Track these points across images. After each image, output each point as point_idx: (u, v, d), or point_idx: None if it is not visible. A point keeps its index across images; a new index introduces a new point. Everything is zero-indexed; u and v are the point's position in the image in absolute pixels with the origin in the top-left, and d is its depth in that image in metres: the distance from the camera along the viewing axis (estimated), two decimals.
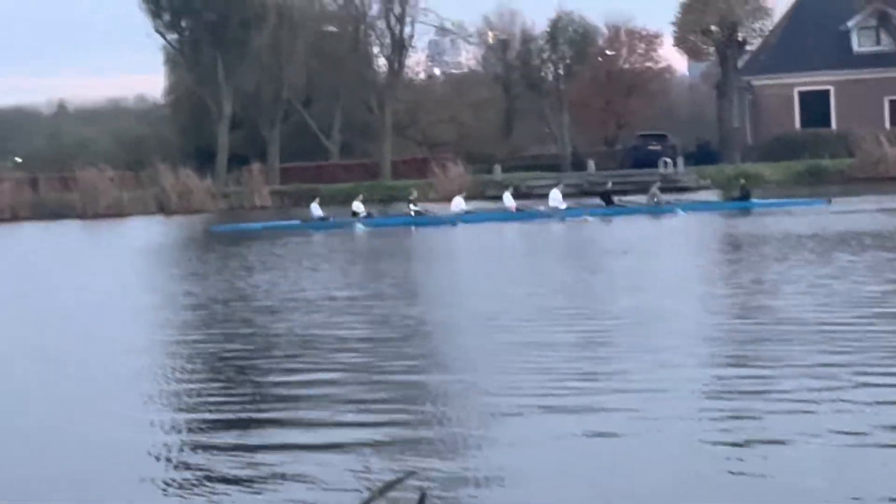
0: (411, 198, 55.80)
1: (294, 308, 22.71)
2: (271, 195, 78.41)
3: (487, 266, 31.41)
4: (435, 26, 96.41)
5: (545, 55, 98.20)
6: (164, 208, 75.20)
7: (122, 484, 11.00)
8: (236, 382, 15.45)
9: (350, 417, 12.84)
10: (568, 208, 52.16)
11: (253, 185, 79.08)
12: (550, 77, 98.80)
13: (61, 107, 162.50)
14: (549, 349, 16.42)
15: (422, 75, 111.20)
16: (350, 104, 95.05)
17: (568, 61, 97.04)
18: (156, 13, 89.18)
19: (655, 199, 52.03)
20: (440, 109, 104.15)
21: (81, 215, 73.33)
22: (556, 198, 53.04)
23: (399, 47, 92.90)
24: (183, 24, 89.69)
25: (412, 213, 53.60)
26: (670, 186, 62.88)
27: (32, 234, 59.73)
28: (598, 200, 54.56)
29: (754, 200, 51.41)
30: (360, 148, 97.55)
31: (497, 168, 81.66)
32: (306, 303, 23.44)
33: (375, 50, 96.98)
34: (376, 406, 13.36)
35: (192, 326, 21.35)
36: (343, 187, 79.58)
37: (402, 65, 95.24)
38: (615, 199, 53.65)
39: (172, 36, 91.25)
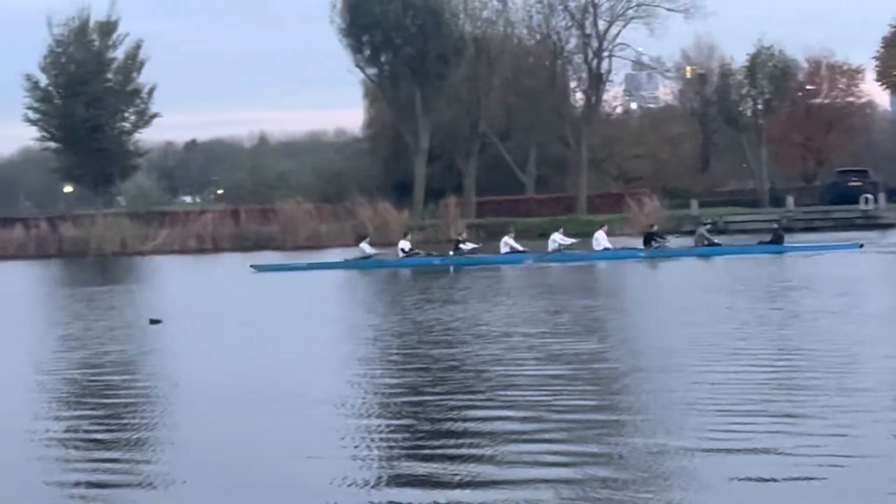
0: (462, 237, 56.82)
1: (471, 342, 22.86)
2: (467, 228, 78.91)
3: (637, 301, 31.15)
4: (632, 60, 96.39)
5: (744, 90, 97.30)
6: (361, 240, 76.12)
7: None
8: (416, 416, 15.61)
9: (534, 455, 12.89)
10: (605, 249, 51.90)
11: (449, 217, 79.70)
12: (749, 112, 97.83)
13: (262, 140, 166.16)
14: (731, 386, 16.27)
15: (618, 109, 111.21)
16: (546, 138, 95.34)
17: (767, 96, 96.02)
18: (356, 48, 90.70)
19: (705, 241, 51.45)
20: (636, 144, 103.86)
21: (281, 246, 74.72)
22: (599, 239, 52.90)
23: (596, 81, 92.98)
24: (382, 58, 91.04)
25: (460, 253, 53.71)
26: (871, 223, 61.73)
27: (235, 262, 60.79)
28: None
29: (787, 244, 50.73)
30: (555, 182, 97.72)
31: (694, 203, 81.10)
32: (489, 337, 23.59)
33: (572, 84, 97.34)
34: (557, 443, 13.39)
35: (371, 358, 21.61)
36: (538, 221, 79.87)
37: (598, 99, 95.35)
38: (655, 241, 52.03)
39: (372, 70, 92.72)
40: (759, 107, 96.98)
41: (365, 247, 55.72)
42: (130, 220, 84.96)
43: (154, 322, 28.80)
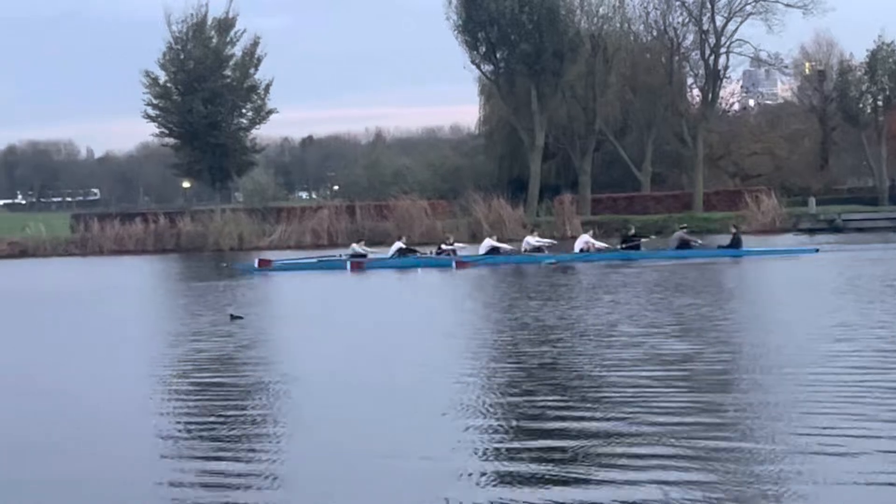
0: (450, 239, 55.79)
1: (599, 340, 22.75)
2: (582, 225, 78.61)
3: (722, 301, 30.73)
4: (750, 57, 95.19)
5: (863, 86, 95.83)
6: (476, 237, 76.14)
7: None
8: (522, 415, 15.55)
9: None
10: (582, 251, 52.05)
11: (564, 215, 79.43)
12: (868, 108, 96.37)
13: (379, 136, 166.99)
14: (854, 389, 15.98)
15: (735, 106, 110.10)
16: (662, 135, 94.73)
17: (887, 93, 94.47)
18: (472, 45, 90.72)
19: (679, 243, 52.15)
20: (754, 141, 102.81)
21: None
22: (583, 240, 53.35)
23: (713, 78, 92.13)
24: (498, 55, 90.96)
25: (436, 254, 53.42)
26: None
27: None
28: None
29: (745, 248, 51.15)
30: (671, 179, 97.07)
31: (811, 201, 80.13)
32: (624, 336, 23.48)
33: (689, 81, 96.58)
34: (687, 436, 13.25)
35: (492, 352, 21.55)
36: (654, 218, 79.40)
37: (715, 95, 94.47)
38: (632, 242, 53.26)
39: (488, 67, 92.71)
40: (880, 103, 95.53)
41: (356, 246, 55.35)
42: (247, 216, 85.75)
43: (235, 318, 29.02)
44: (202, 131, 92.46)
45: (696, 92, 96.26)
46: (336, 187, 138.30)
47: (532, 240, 54.55)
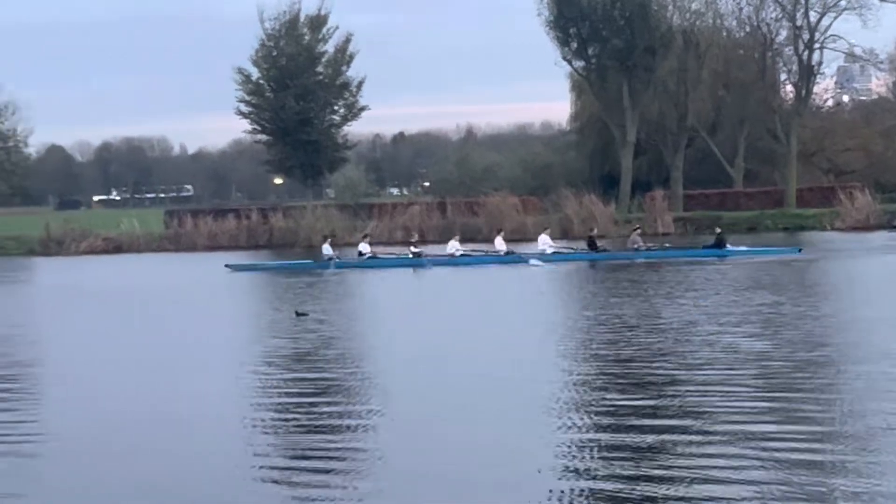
0: (413, 240, 56.64)
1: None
2: (674, 222, 78.20)
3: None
4: (844, 52, 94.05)
5: None
6: (567, 233, 75.99)
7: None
8: (617, 413, 15.57)
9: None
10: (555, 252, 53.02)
11: (656, 211, 79.01)
12: None
13: (469, 133, 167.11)
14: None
15: (829, 102, 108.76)
16: (754, 131, 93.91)
17: None
18: (564, 41, 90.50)
19: (635, 246, 53.25)
20: (848, 137, 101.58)
21: (487, 239, 74.90)
22: (544, 241, 54.31)
23: (807, 74, 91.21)
24: (590, 51, 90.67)
25: (410, 255, 53.91)
26: None
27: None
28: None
29: (729, 248, 51.67)
30: (764, 175, 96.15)
31: None
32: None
33: (782, 76, 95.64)
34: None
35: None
36: (746, 215, 78.83)
37: (809, 91, 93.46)
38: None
39: (579, 63, 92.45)
40: None
41: (327, 248, 55.64)
42: (339, 212, 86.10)
43: (300, 315, 29.17)
44: (294, 128, 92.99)
45: (789, 88, 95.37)
46: (427, 184, 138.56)
47: (545, 238, 55.26)
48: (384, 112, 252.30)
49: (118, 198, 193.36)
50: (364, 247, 55.11)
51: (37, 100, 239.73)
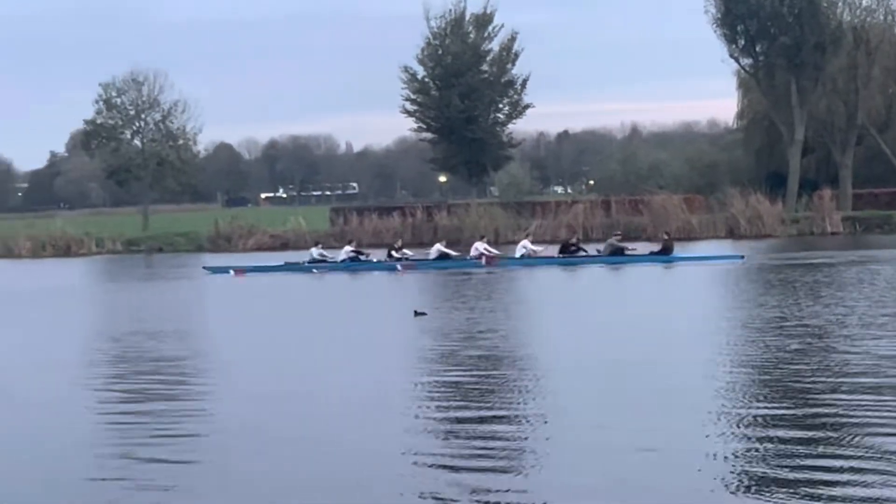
0: (397, 245, 57.07)
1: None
2: (843, 221, 76.84)
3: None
4: None
5: None
6: (733, 232, 75.24)
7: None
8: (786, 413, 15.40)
9: None
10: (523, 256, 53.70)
11: (823, 210, 77.73)
12: None
13: (634, 131, 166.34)
14: None
15: None
16: None
17: None
18: (731, 38, 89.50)
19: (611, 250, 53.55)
20: None
21: (651, 238, 74.54)
22: (524, 245, 54.95)
23: None
24: (758, 48, 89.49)
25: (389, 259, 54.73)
26: None
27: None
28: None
29: (675, 255, 52.26)
30: None
31: None
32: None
33: None
34: None
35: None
36: None
37: None
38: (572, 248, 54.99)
39: (747, 61, 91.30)
40: None
41: (314, 251, 56.71)
42: (503, 210, 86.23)
43: (419, 314, 29.24)
44: (459, 126, 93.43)
45: None
46: (591, 182, 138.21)
47: (526, 243, 55.59)
48: (548, 110, 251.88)
49: (285, 195, 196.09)
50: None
51: (206, 98, 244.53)
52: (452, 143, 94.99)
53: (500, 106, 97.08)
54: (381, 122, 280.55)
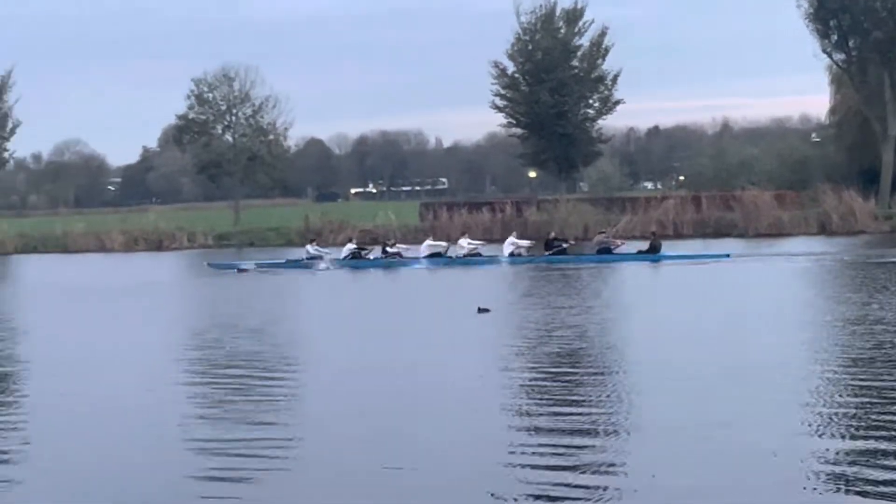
0: (390, 242, 58.44)
1: None
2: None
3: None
4: None
5: None
6: (825, 228, 74.57)
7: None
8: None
9: None
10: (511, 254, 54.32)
11: None
12: None
13: (725, 126, 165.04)
14: None
15: None
16: None
17: None
18: (824, 34, 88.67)
19: (600, 247, 54.42)
20: None
21: (742, 234, 74.12)
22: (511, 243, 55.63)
23: None
24: (850, 43, 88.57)
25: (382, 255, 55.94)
26: None
27: (694, 248, 60.61)
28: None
29: (663, 253, 52.85)
30: None
31: None
32: None
33: None
34: None
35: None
36: None
37: None
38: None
39: (839, 56, 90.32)
40: None
41: (310, 248, 57.63)
42: (592, 206, 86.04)
43: (482, 311, 29.19)
44: (549, 121, 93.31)
45: None
46: (681, 178, 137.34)
47: (513, 239, 56.31)
48: (638, 105, 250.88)
49: (374, 190, 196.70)
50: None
51: (297, 93, 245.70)
52: (542, 139, 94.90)
53: (591, 101, 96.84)
54: (471, 118, 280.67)
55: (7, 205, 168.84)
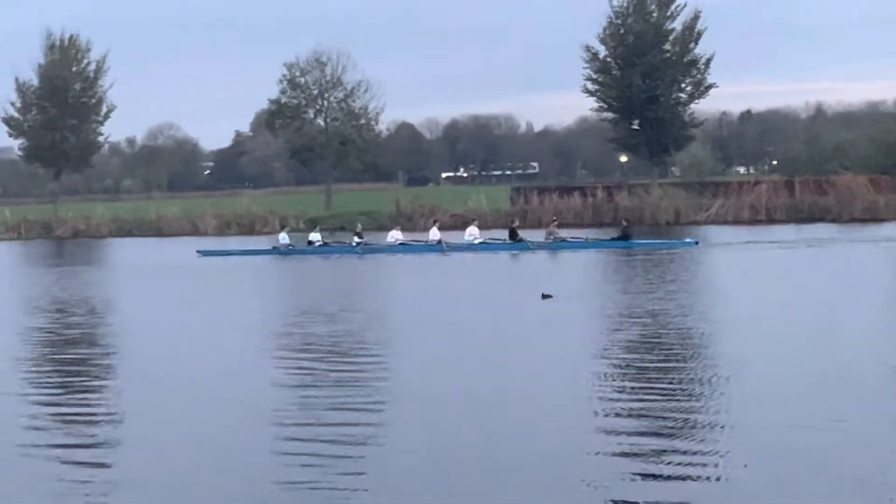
0: (358, 230, 59.31)
1: None
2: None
3: None
4: None
5: None
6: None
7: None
8: None
9: None
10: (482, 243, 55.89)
11: None
12: None
13: (819, 111, 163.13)
14: None
15: None
16: None
17: None
18: None
19: (552, 237, 55.90)
20: None
21: (836, 219, 73.33)
22: (471, 233, 56.82)
23: None
24: None
25: (354, 244, 56.71)
26: None
27: (788, 233, 60.06)
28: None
29: (633, 241, 54.06)
30: None
31: None
32: None
33: None
34: None
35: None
36: None
37: None
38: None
39: None
40: None
41: (283, 236, 59.90)
42: (684, 190, 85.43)
43: (546, 297, 29.16)
44: (641, 106, 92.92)
45: None
46: (774, 162, 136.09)
47: (473, 230, 57.33)
48: (731, 89, 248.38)
49: (465, 175, 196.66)
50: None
51: (388, 78, 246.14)
52: (634, 123, 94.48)
53: (683, 86, 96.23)
54: (562, 102, 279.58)
55: (101, 189, 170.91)
